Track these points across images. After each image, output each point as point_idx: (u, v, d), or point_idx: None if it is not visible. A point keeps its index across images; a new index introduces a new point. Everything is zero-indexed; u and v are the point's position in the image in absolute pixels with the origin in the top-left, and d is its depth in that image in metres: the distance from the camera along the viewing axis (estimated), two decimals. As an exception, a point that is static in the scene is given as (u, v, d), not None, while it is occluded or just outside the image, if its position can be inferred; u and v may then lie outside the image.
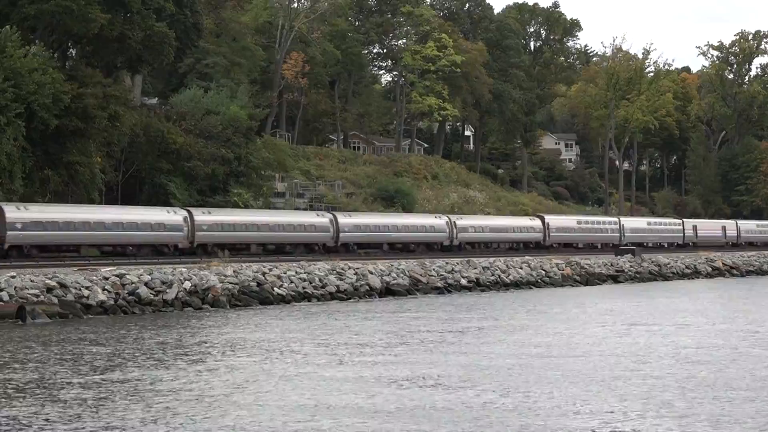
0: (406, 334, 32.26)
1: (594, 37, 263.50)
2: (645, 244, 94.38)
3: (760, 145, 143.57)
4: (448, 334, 32.08)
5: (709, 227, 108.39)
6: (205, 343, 29.66)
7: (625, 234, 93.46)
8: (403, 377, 22.44)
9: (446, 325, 35.60)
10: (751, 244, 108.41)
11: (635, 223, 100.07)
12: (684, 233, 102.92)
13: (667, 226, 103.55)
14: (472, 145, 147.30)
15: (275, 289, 46.19)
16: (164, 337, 31.19)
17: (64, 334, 31.58)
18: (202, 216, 61.75)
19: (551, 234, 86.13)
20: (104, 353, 26.93)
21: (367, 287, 50.49)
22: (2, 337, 30.61)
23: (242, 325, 35.40)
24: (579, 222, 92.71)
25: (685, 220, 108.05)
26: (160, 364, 24.84)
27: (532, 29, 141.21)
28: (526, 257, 68.91)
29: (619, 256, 74.49)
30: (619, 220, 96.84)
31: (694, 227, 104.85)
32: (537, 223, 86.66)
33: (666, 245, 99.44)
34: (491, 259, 63.51)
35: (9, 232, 51.11)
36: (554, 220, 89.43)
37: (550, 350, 27.64)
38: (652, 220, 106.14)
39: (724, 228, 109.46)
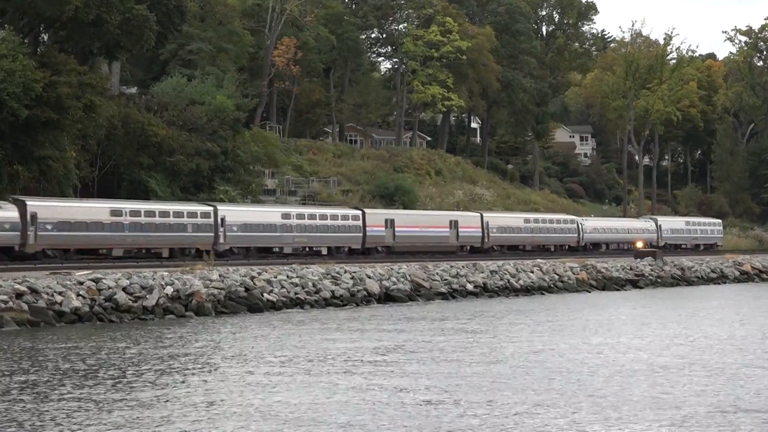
0: (404, 350, 32.15)
1: (611, 22, 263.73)
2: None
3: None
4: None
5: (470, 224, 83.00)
6: (186, 355, 29.54)
7: (227, 235, 65.90)
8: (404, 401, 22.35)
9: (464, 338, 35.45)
10: (544, 248, 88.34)
11: (240, 215, 67.99)
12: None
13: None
14: (478, 138, 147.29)
15: (265, 294, 46.08)
16: (143, 347, 31.06)
17: (33, 344, 31.47)
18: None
19: (40, 233, 56.73)
20: (76, 365, 26.81)
21: (365, 293, 50.45)
22: (-33, 346, 30.53)
23: (226, 336, 35.26)
24: (113, 213, 60.56)
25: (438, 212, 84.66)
26: (135, 377, 24.73)
27: (544, 12, 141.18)
28: (538, 260, 68.83)
29: (638, 259, 74.46)
30: (215, 209, 66.44)
31: (454, 223, 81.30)
32: (9, 214, 55.32)
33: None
34: (499, 263, 63.47)
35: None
36: (43, 209, 57.19)
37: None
38: (330, 212, 74.88)
39: (453, 223, 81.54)
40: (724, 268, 77.80)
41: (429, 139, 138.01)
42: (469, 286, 56.34)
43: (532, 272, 62.25)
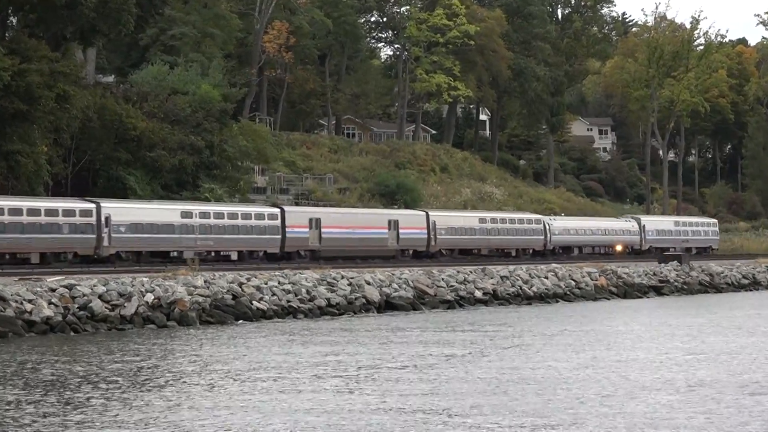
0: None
1: (633, 4, 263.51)
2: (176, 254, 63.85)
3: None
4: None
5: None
6: (157, 370, 29.43)
7: (112, 237, 61.16)
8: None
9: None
10: (504, 253, 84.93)
11: (128, 213, 62.72)
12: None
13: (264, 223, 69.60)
14: (488, 131, 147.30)
15: (254, 302, 46.06)
16: (119, 360, 30.97)
17: None
18: None
19: None
20: (46, 380, 26.73)
21: (364, 300, 50.47)
22: (-73, 359, 30.46)
23: (207, 349, 35.17)
24: None
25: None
26: (109, 394, 24.61)
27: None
28: (553, 265, 68.89)
29: (663, 264, 74.50)
30: (98, 206, 61.35)
31: (393, 223, 77.30)
32: None
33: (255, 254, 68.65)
34: (511, 268, 63.53)
35: None
36: None
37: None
38: (241, 209, 70.05)
39: (392, 224, 77.42)
40: (756, 274, 77.81)
41: (434, 132, 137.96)
42: (478, 293, 56.32)
43: (547, 278, 62.34)
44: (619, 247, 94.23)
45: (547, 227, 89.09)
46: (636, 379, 27.15)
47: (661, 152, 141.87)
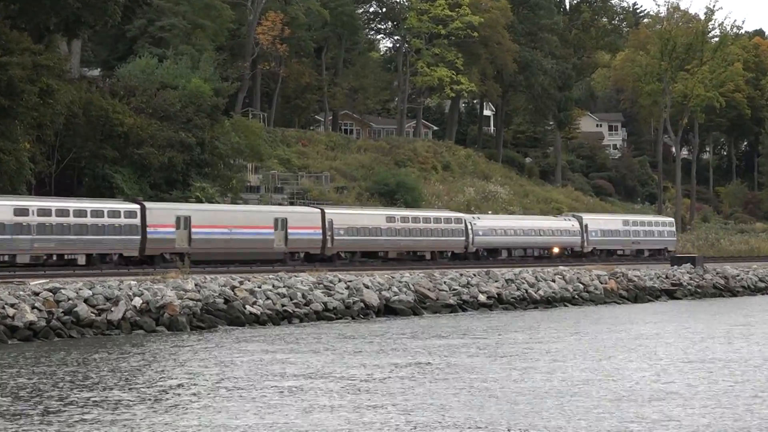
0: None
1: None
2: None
3: None
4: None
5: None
6: (153, 379, 29.51)
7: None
8: None
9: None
10: (416, 256, 79.05)
11: None
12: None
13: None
14: (492, 127, 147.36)
15: (247, 306, 46.16)
16: (105, 367, 31.03)
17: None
18: None
19: None
20: (26, 389, 26.78)
21: (362, 305, 50.56)
22: None
23: (195, 356, 35.21)
24: None
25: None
26: (86, 406, 24.61)
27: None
28: (560, 267, 69.10)
29: (675, 266, 74.75)
30: None
31: (281, 222, 71.00)
32: None
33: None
34: (516, 271, 63.69)
35: None
36: None
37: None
38: (91, 206, 62.36)
39: (279, 222, 71.94)
40: (774, 277, 78.02)
41: (435, 128, 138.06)
42: (482, 297, 56.40)
43: (554, 281, 62.52)
44: (555, 249, 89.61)
45: (469, 227, 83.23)
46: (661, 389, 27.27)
47: (673, 149, 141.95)
